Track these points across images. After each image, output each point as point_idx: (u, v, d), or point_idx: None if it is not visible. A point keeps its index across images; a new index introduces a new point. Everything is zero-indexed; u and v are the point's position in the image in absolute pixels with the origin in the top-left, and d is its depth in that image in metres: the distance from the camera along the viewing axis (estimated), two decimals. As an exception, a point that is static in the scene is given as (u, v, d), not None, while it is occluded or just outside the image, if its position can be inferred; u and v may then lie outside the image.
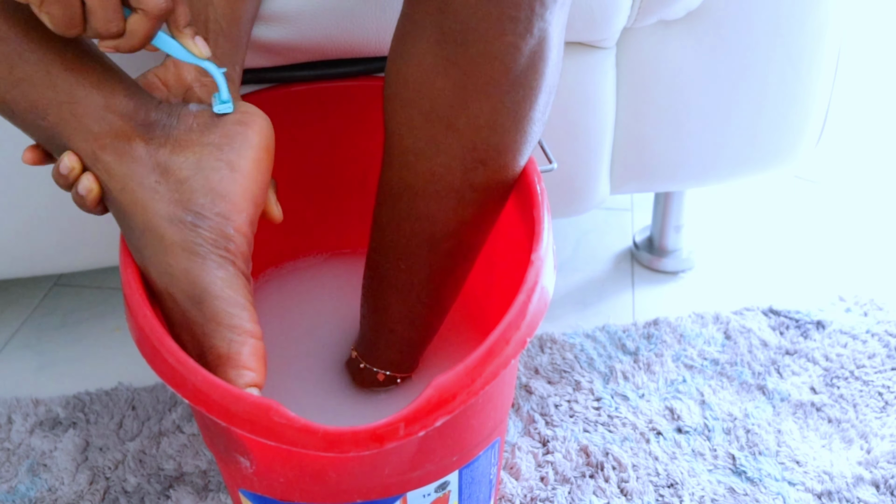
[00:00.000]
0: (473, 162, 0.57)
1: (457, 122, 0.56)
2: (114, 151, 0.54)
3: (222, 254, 0.54)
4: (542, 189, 0.61)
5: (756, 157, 0.88)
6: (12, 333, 0.99)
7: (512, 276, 0.64)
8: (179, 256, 0.53)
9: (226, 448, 0.54)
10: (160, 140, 0.55)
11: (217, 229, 0.54)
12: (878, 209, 1.12)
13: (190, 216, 0.54)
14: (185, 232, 0.53)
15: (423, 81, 0.55)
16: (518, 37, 0.53)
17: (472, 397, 0.49)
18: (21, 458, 0.81)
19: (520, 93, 0.55)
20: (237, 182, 0.55)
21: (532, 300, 0.53)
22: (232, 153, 0.55)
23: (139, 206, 0.54)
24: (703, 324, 0.93)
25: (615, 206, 1.15)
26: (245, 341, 0.53)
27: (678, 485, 0.76)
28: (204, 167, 0.54)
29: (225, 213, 0.54)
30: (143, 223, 0.54)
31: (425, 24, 0.54)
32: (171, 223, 0.54)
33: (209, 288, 0.53)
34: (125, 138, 0.54)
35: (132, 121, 0.54)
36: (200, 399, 0.48)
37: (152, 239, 0.54)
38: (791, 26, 0.79)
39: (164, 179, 0.54)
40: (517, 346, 0.51)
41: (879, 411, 0.82)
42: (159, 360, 0.51)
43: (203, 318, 0.53)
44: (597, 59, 0.79)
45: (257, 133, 0.57)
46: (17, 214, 0.82)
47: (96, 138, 0.54)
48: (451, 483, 0.59)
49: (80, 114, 0.54)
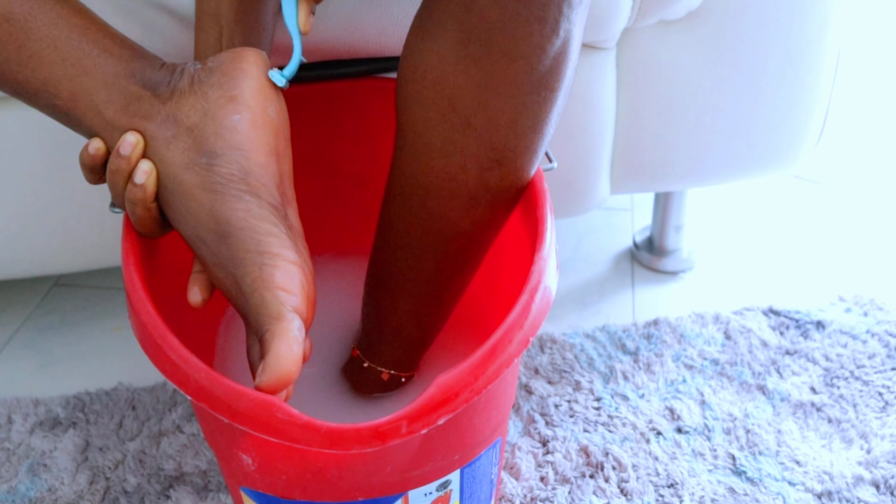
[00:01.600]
0: (489, 162, 0.57)
1: (475, 121, 0.55)
2: (127, 114, 0.55)
3: (241, 187, 0.54)
4: (545, 189, 0.61)
5: (756, 157, 0.88)
6: (12, 333, 0.99)
7: (515, 275, 0.64)
8: (200, 197, 0.54)
9: (227, 445, 0.54)
10: (166, 95, 0.56)
11: (233, 163, 0.54)
12: (878, 209, 1.13)
13: (204, 157, 0.54)
14: (202, 173, 0.54)
15: (442, 79, 0.55)
16: (545, 38, 0.53)
17: (475, 396, 0.49)
18: (21, 458, 0.81)
19: (541, 94, 0.55)
20: (243, 114, 0.55)
21: (535, 299, 0.53)
22: (233, 89, 0.56)
23: (160, 160, 0.55)
24: (703, 324, 0.93)
25: (615, 206, 1.15)
26: (277, 265, 0.52)
27: (678, 485, 0.76)
28: (209, 109, 0.55)
29: (237, 145, 0.55)
30: (164, 175, 0.55)
31: (448, 21, 0.54)
32: (187, 169, 0.54)
33: (231, 220, 0.53)
34: (137, 99, 0.55)
35: (141, 82, 0.55)
36: (203, 395, 0.48)
37: (174, 189, 0.55)
38: (791, 26, 0.79)
39: (176, 130, 0.55)
40: (520, 345, 0.51)
41: (879, 411, 0.82)
42: (162, 357, 0.51)
43: (231, 252, 0.53)
44: (597, 59, 0.79)
45: (253, 63, 0.57)
46: (17, 214, 0.82)
47: (109, 105, 0.55)
48: (452, 482, 0.59)
49: (90, 86, 0.55)
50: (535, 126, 0.57)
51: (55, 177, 0.80)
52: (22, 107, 0.76)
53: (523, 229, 0.63)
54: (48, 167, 0.80)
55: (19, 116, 0.77)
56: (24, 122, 0.77)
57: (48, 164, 0.79)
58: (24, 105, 0.76)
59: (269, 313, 0.51)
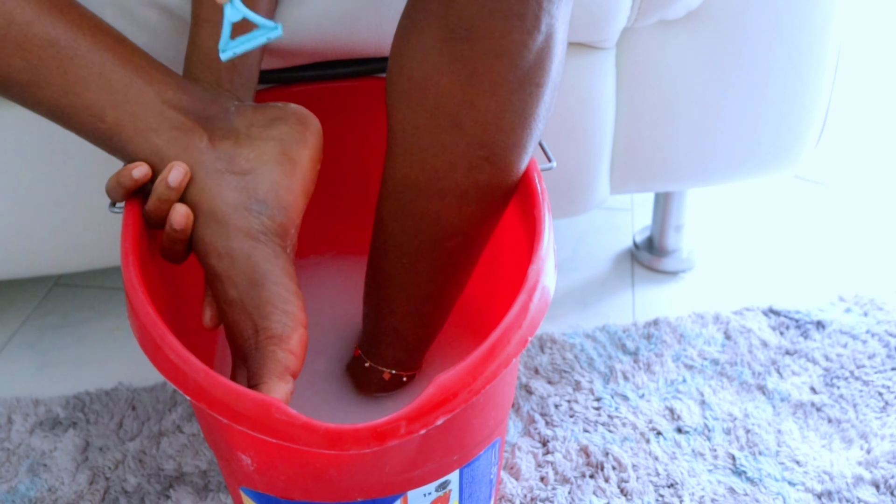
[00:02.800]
0: (479, 160, 0.57)
1: (463, 119, 0.56)
2: (177, 144, 0.56)
3: (279, 242, 0.57)
4: (542, 189, 0.61)
5: (756, 157, 0.88)
6: (12, 333, 0.99)
7: (513, 275, 0.64)
8: (243, 242, 0.56)
9: (227, 445, 0.54)
10: (222, 133, 0.57)
11: (278, 219, 0.57)
12: (878, 209, 1.13)
13: (255, 205, 0.56)
14: (250, 219, 0.56)
15: (428, 79, 0.55)
16: (526, 33, 0.53)
17: (474, 396, 0.49)
18: (21, 458, 0.81)
19: (527, 90, 0.55)
20: (297, 177, 0.58)
21: (533, 299, 0.53)
22: (293, 151, 0.58)
23: (206, 193, 0.56)
24: (703, 324, 0.93)
25: (615, 206, 1.15)
26: (296, 328, 0.55)
27: (678, 485, 0.76)
28: (267, 161, 0.57)
29: (286, 205, 0.57)
30: (208, 209, 0.56)
31: (429, 20, 0.54)
32: (236, 210, 0.56)
33: (268, 274, 0.56)
34: (187, 131, 0.56)
35: (191, 114, 0.56)
36: (202, 396, 0.48)
37: (216, 224, 0.56)
38: (791, 26, 0.79)
39: (230, 169, 0.57)
40: (518, 345, 0.51)
41: (879, 411, 0.82)
42: (161, 358, 0.51)
43: (259, 301, 0.55)
44: (597, 59, 0.79)
45: (314, 134, 0.60)
46: (17, 214, 0.82)
47: (158, 134, 0.56)
48: (451, 482, 0.59)
49: (137, 112, 0.55)
50: (522, 122, 0.57)
51: (55, 177, 0.80)
52: (22, 107, 0.76)
53: (521, 229, 0.63)
54: (48, 167, 0.80)
55: (19, 116, 0.77)
56: (25, 122, 0.77)
57: (48, 164, 0.79)
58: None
59: (275, 370, 0.53)
